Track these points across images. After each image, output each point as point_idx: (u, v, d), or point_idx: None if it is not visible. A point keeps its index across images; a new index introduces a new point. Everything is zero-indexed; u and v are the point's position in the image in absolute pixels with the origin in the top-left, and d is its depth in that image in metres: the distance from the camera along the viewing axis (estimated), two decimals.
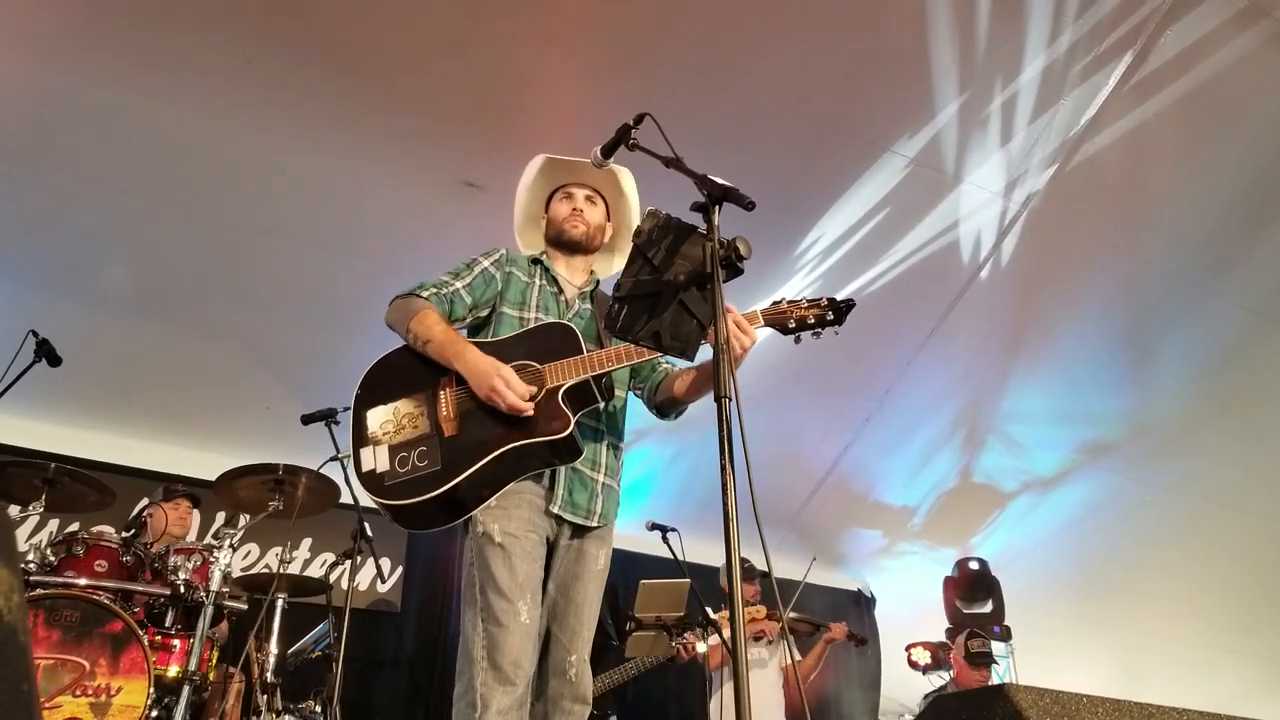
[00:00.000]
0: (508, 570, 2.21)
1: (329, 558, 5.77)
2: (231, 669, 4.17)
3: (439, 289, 2.53)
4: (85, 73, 4.18)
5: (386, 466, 2.27)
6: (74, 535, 3.87)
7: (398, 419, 2.35)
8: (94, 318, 5.03)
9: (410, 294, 2.50)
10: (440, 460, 2.25)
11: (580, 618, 2.37)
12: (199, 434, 5.73)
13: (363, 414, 2.38)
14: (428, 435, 2.30)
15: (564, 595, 2.38)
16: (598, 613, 2.44)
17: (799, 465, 6.92)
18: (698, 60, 4.50)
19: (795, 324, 2.34)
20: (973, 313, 6.05)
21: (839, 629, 5.62)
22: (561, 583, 2.39)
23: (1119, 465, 6.93)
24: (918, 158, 5.16)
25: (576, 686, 2.32)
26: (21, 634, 0.65)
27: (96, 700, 3.27)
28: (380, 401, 2.39)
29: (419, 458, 2.26)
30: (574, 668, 2.32)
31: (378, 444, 2.31)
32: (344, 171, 4.73)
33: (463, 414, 2.32)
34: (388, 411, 2.37)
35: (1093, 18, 4.69)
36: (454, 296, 2.54)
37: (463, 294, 2.55)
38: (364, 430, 2.36)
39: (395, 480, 2.25)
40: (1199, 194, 5.59)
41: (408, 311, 2.44)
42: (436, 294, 2.51)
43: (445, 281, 2.56)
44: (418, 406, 2.36)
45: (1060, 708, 1.99)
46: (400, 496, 2.23)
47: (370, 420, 2.37)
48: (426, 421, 2.33)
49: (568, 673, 2.32)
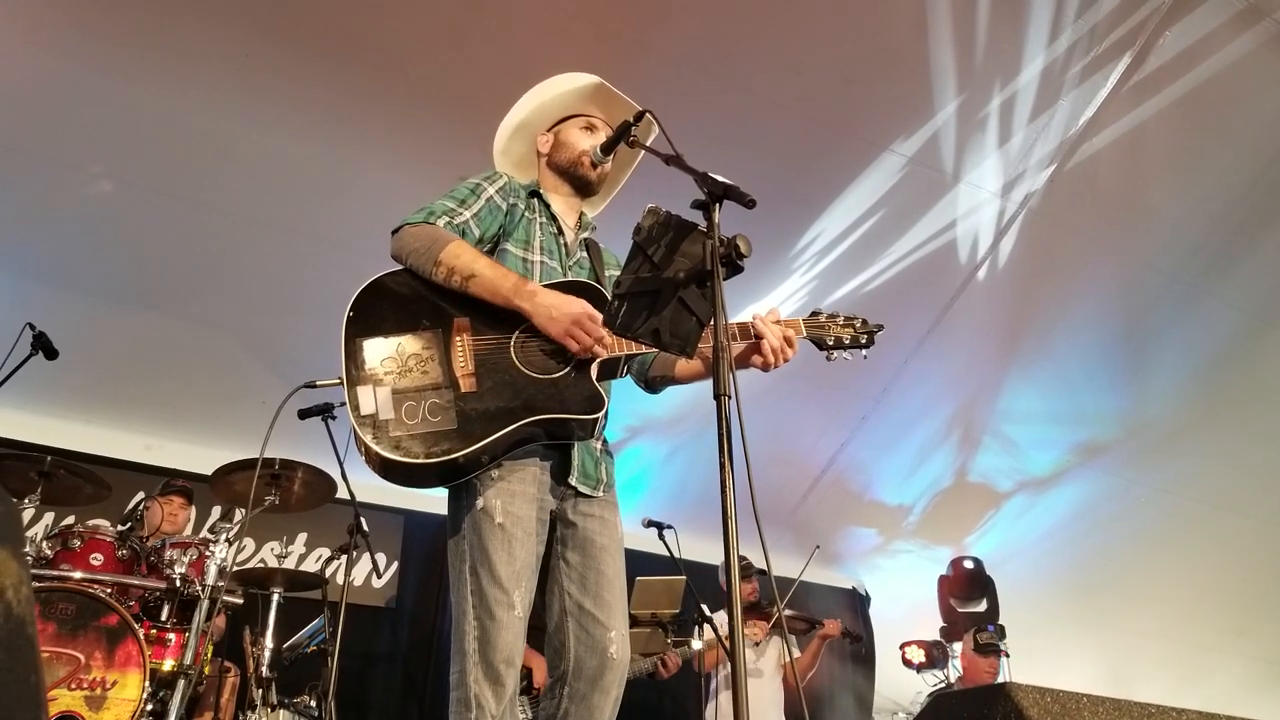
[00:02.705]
0: (506, 555, 2.05)
1: (325, 552, 5.77)
2: (227, 663, 4.17)
3: (450, 218, 2.22)
4: (82, 63, 4.17)
5: (391, 414, 2.00)
6: (70, 528, 3.87)
7: (402, 358, 2.08)
8: (91, 311, 5.02)
9: (423, 221, 2.19)
10: (455, 419, 2.02)
11: (614, 591, 2.20)
12: (195, 427, 5.72)
13: (357, 343, 2.09)
14: (439, 386, 2.06)
15: (594, 569, 2.20)
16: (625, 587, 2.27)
17: (795, 463, 6.93)
18: (698, 57, 4.50)
19: (833, 341, 2.29)
20: (970, 312, 6.06)
21: (834, 625, 5.63)
22: (590, 556, 2.21)
23: (1113, 466, 6.95)
24: (916, 157, 5.16)
25: (619, 662, 2.15)
26: (30, 626, 0.65)
27: (92, 693, 3.27)
28: (379, 333, 2.10)
29: (430, 411, 2.02)
30: (614, 644, 2.15)
31: (379, 384, 2.04)
32: (342, 164, 4.73)
33: (480, 368, 2.09)
34: (389, 347, 2.09)
35: (1092, 18, 4.70)
36: (464, 228, 2.24)
37: (472, 225, 2.26)
38: (359, 363, 2.06)
39: (401, 432, 1.99)
40: (1196, 195, 5.61)
41: (434, 242, 2.13)
42: (450, 224, 2.21)
43: (453, 209, 2.24)
44: (426, 349, 2.09)
45: (1061, 707, 1.99)
46: (406, 453, 1.98)
47: (367, 353, 2.07)
48: (439, 369, 2.07)
49: (609, 649, 2.14)
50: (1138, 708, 2.10)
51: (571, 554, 2.23)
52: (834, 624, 5.64)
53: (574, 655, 2.15)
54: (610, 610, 2.19)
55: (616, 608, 2.20)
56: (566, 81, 2.51)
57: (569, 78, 2.52)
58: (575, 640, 2.16)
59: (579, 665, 2.15)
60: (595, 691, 2.12)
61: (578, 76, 2.51)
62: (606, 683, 2.13)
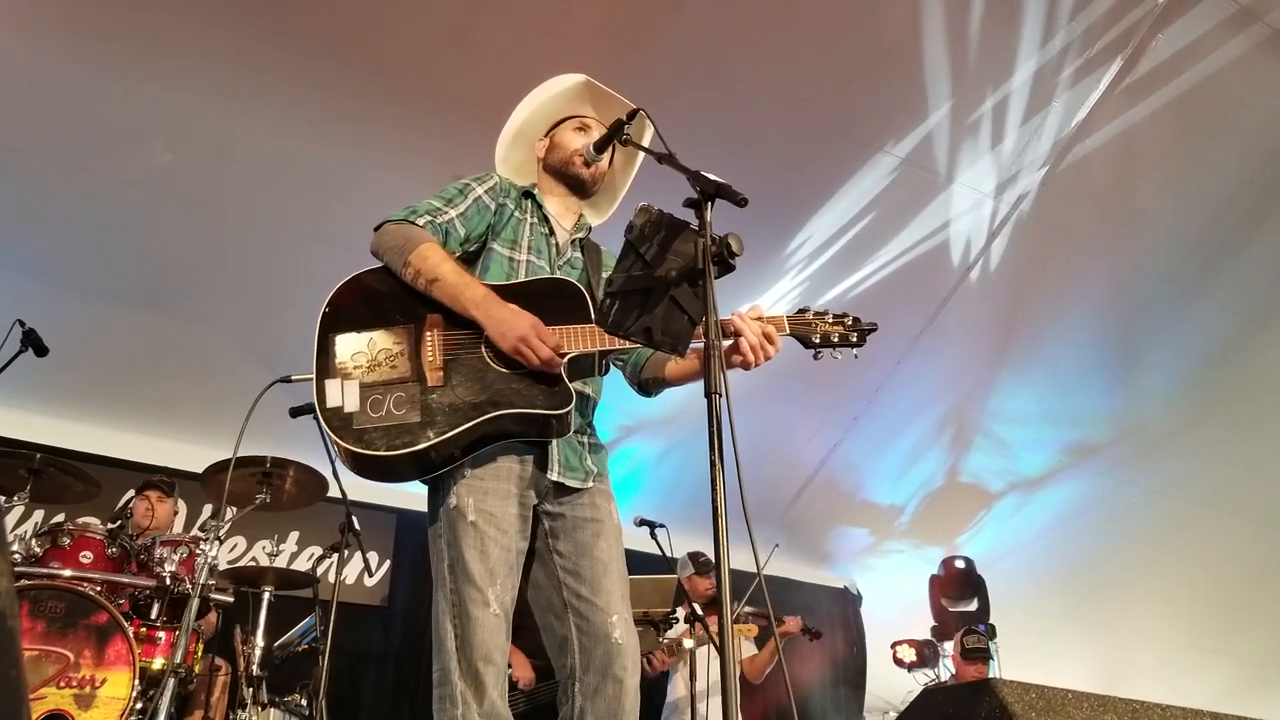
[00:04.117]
0: (479, 552, 2.04)
1: (316, 551, 5.75)
2: (219, 661, 4.16)
3: (433, 217, 2.23)
4: (75, 60, 4.15)
5: (356, 406, 2.03)
6: (59, 526, 3.86)
7: (372, 353, 2.10)
8: (81, 308, 4.99)
9: (403, 220, 2.21)
10: (419, 412, 2.03)
11: (610, 575, 2.17)
12: (187, 425, 5.70)
13: (330, 337, 2.11)
14: (406, 380, 2.07)
15: (587, 556, 2.17)
16: (626, 575, 2.24)
17: (788, 463, 6.94)
18: (695, 57, 4.50)
19: (820, 339, 2.25)
20: (962, 313, 6.07)
21: (794, 622, 5.55)
22: (581, 544, 2.19)
23: (1105, 466, 6.97)
24: (910, 158, 5.17)
25: (626, 648, 2.09)
26: (11, 619, 0.65)
27: (81, 692, 3.26)
28: (351, 328, 2.12)
29: (395, 404, 2.03)
30: (617, 629, 2.10)
31: (347, 378, 2.06)
32: (337, 163, 4.72)
33: (449, 363, 2.09)
34: (360, 341, 2.11)
35: (1085, 21, 4.71)
36: (449, 227, 2.26)
37: (457, 225, 2.27)
38: (331, 357, 2.09)
39: (365, 425, 2.01)
40: (1188, 197, 5.63)
41: (406, 242, 2.16)
42: (432, 223, 2.22)
43: (438, 209, 2.26)
44: (397, 343, 2.11)
45: (1045, 703, 2.00)
46: (368, 445, 1.99)
47: (339, 348, 2.10)
48: (407, 363, 2.09)
49: (611, 635, 2.09)
50: (1121, 703, 2.11)
51: (563, 545, 2.20)
52: (794, 621, 5.57)
53: (578, 646, 2.11)
54: (609, 595, 2.14)
55: (615, 593, 2.16)
56: (557, 84, 2.52)
57: (559, 80, 2.52)
58: (577, 631, 2.12)
59: (585, 656, 2.10)
60: (607, 681, 2.06)
61: (567, 78, 2.52)
62: (617, 670, 2.07)
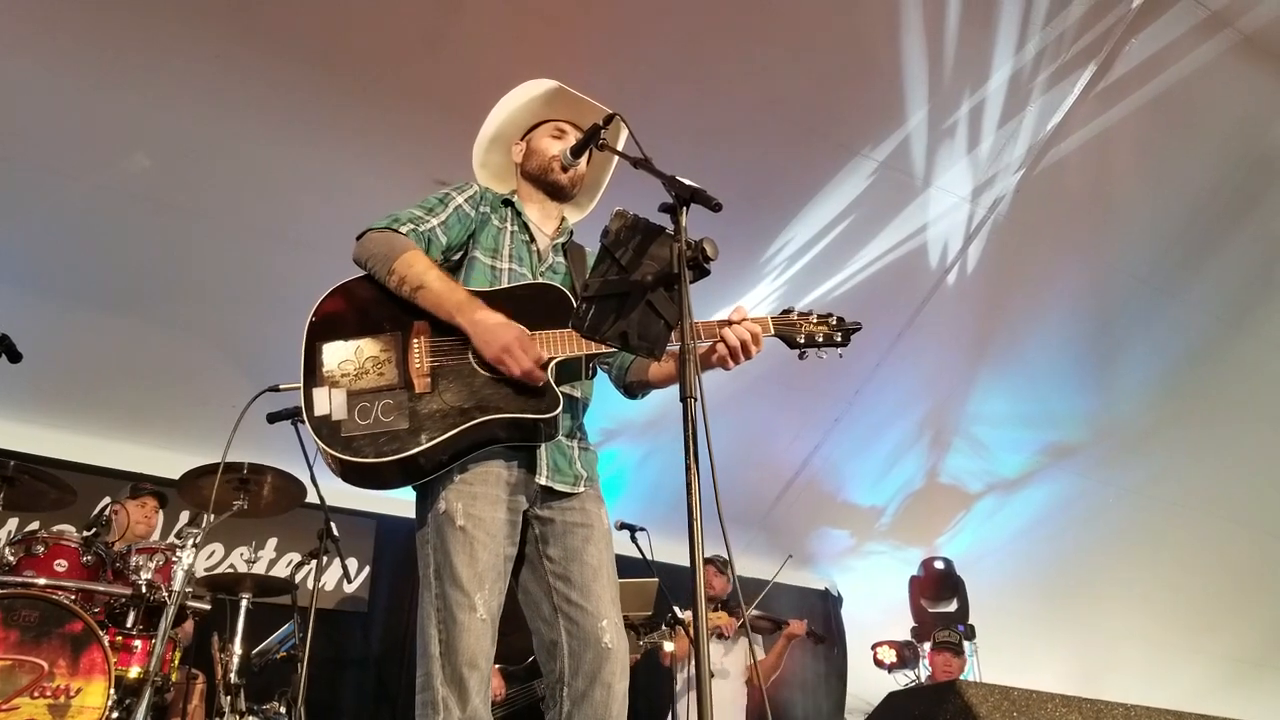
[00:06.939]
0: (468, 557, 2.04)
1: (295, 557, 5.72)
2: (195, 670, 4.12)
3: (415, 225, 2.24)
4: (49, 62, 4.11)
5: (344, 414, 2.04)
6: (34, 534, 3.80)
7: (359, 360, 2.11)
8: (56, 313, 4.94)
9: (386, 228, 2.21)
10: (408, 419, 2.04)
11: (601, 580, 2.15)
12: (163, 432, 5.65)
13: (317, 346, 2.11)
14: (394, 387, 2.08)
15: (577, 561, 2.16)
16: (616, 579, 2.23)
17: (769, 465, 6.96)
18: (671, 61, 4.51)
19: (804, 339, 2.27)
20: (940, 316, 6.11)
21: (799, 625, 5.61)
22: (571, 549, 2.18)
23: (1082, 467, 7.03)
24: (887, 162, 5.20)
25: (616, 653, 2.09)
26: None
27: (55, 702, 3.22)
28: (339, 336, 2.13)
29: (383, 411, 2.04)
30: (608, 633, 2.09)
31: (335, 386, 2.07)
32: (315, 167, 4.69)
33: (435, 370, 2.10)
34: (348, 350, 2.12)
35: (1059, 26, 4.76)
36: (431, 235, 2.26)
37: (439, 233, 2.27)
38: (318, 366, 2.09)
39: (353, 433, 2.02)
40: (1162, 199, 5.69)
41: (391, 250, 2.16)
42: (414, 231, 2.23)
43: (420, 218, 2.26)
44: (384, 351, 2.12)
45: (1010, 704, 2.01)
46: (356, 453, 2.00)
47: (327, 356, 2.10)
48: (394, 371, 2.10)
49: (602, 640, 2.08)
50: (1087, 703, 2.13)
51: (553, 550, 2.20)
52: (799, 624, 5.62)
53: (567, 651, 2.10)
54: (599, 600, 2.13)
55: (605, 597, 2.15)
56: (531, 89, 2.53)
57: (532, 85, 2.53)
58: (566, 635, 2.12)
59: (575, 661, 2.09)
60: (596, 686, 2.06)
61: (539, 83, 2.52)
62: (607, 676, 2.07)
